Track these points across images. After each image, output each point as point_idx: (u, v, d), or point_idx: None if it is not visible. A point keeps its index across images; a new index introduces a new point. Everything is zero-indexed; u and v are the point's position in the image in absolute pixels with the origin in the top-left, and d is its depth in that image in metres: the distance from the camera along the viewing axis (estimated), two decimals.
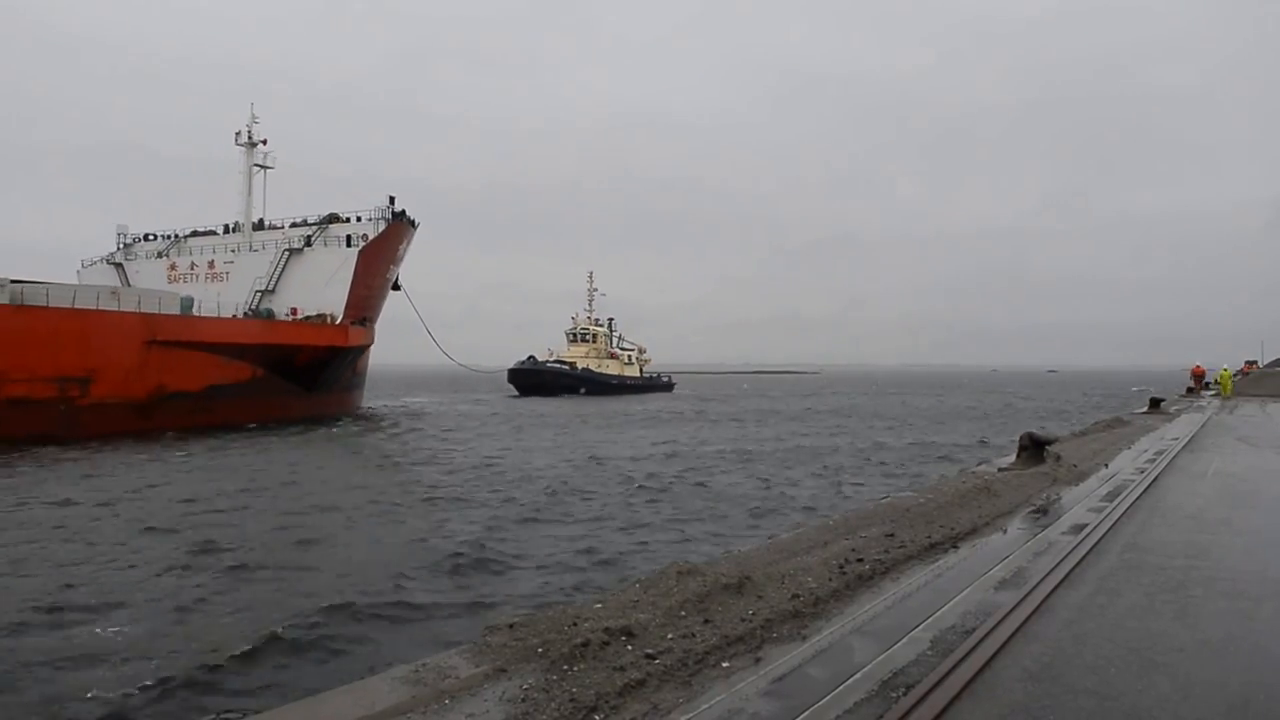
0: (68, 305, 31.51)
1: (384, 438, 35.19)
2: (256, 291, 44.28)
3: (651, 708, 3.89)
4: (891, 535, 7.50)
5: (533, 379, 74.03)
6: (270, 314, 42.52)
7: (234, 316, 40.36)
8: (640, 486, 19.34)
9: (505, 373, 76.60)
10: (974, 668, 4.35)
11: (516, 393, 74.35)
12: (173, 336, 34.38)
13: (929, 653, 4.66)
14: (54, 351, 30.02)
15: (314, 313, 42.99)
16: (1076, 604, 5.65)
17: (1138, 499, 9.97)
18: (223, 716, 3.80)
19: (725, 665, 4.44)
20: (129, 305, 34.41)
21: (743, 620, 5.01)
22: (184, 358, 34.55)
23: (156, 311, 35.02)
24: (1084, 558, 6.90)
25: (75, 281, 41.86)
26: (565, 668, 4.27)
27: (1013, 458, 14.01)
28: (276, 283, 44.64)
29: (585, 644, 4.44)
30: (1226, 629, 5.16)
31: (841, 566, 6.29)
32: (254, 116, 48.07)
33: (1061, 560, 6.74)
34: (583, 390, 74.37)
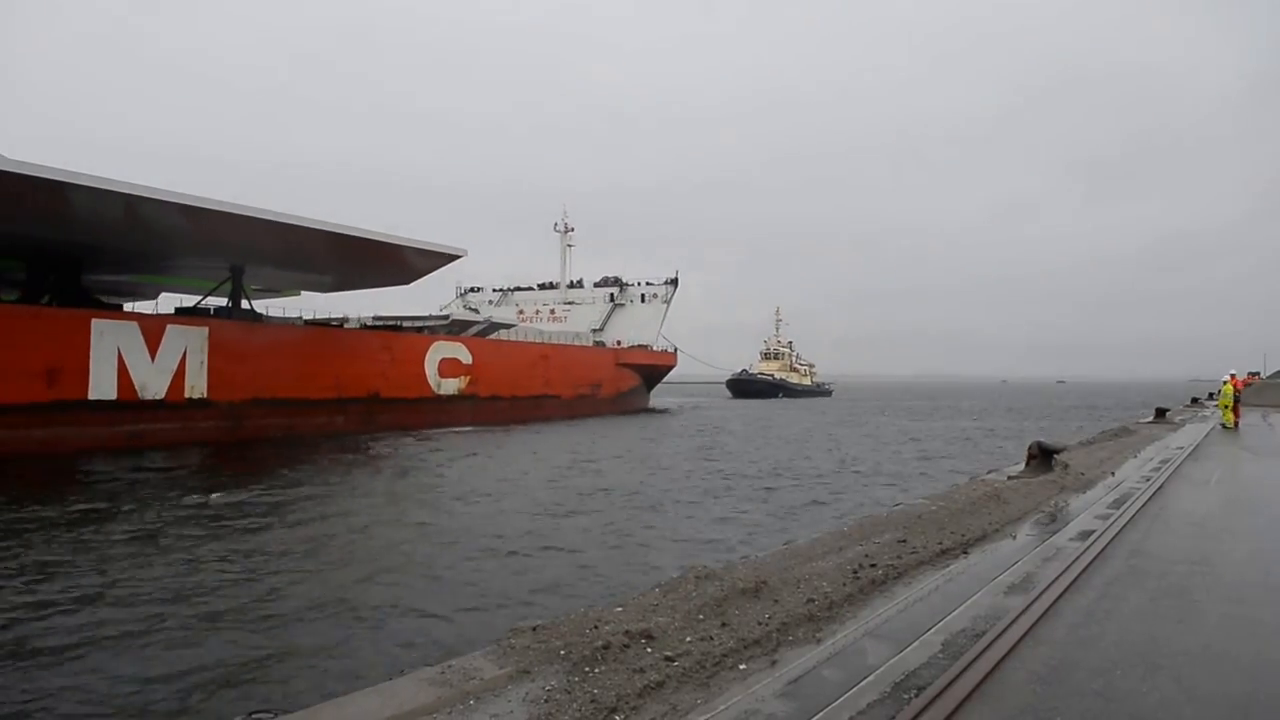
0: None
1: (739, 423, 50.13)
2: (591, 330, 65.79)
3: (670, 708, 4.00)
4: (904, 541, 7.62)
5: (747, 387, 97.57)
6: (602, 344, 63.53)
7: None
8: None
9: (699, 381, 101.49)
10: (984, 670, 4.47)
11: (731, 395, 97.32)
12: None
13: (940, 655, 4.78)
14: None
15: (636, 344, 64.88)
16: (1083, 608, 5.77)
17: (1143, 506, 10.07)
18: (254, 716, 3.91)
19: (742, 667, 4.56)
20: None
21: (759, 624, 5.13)
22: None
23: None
24: (1091, 564, 7.02)
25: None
26: (587, 669, 4.38)
27: (1022, 466, 14.12)
28: (604, 324, 67.50)
29: (606, 646, 4.55)
30: (1229, 633, 5.27)
31: (855, 571, 6.41)
32: (565, 212, 78.69)
33: (1069, 566, 6.85)
34: (780, 394, 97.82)
